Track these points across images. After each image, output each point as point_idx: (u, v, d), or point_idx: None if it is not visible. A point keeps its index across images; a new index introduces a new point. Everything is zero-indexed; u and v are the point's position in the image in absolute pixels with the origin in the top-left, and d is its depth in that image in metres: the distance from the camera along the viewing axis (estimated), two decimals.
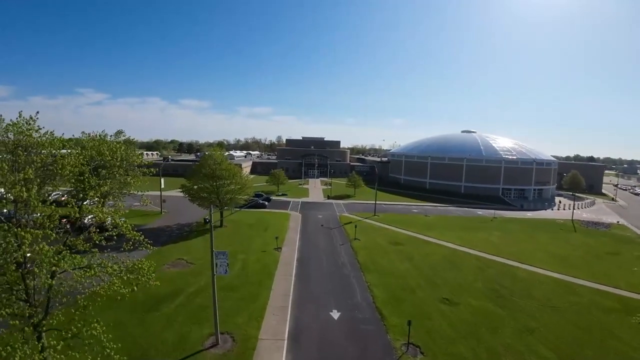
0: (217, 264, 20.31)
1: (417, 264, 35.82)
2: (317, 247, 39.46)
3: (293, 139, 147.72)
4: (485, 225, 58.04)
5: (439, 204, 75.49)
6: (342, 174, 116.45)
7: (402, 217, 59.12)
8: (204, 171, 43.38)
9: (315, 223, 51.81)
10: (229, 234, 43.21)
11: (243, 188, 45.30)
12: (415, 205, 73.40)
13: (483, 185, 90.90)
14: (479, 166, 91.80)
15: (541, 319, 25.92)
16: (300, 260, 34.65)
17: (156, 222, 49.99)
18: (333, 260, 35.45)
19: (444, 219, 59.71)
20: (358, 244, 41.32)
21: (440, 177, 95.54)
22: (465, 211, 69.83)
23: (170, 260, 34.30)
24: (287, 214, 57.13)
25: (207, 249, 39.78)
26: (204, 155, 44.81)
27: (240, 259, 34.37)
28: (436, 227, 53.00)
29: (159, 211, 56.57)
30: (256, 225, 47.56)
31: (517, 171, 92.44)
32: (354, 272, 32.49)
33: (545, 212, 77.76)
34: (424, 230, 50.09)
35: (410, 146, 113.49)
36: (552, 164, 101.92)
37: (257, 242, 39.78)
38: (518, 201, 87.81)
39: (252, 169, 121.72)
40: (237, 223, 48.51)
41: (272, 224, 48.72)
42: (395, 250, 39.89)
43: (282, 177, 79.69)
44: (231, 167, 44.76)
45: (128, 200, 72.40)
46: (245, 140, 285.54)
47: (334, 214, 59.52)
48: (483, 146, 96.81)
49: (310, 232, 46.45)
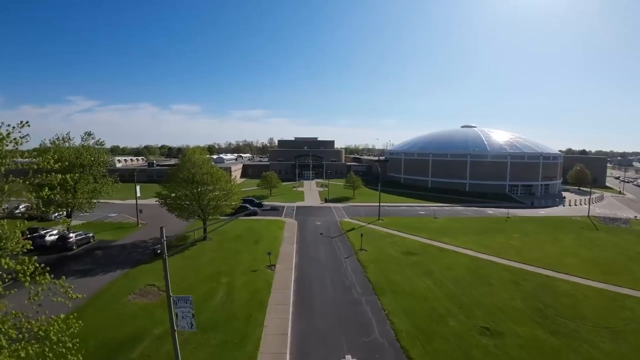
0: (178, 314, 13.83)
1: (438, 279, 29.90)
2: (318, 263, 33.22)
3: (285, 140, 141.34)
4: (501, 226, 52.51)
5: (445, 204, 69.87)
6: (338, 175, 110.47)
7: (409, 220, 53.22)
8: (181, 176, 36.90)
9: (314, 231, 45.59)
10: (213, 250, 36.76)
11: (229, 195, 38.89)
12: (420, 206, 67.63)
13: (489, 182, 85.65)
14: (484, 162, 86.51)
15: (603, 346, 20.76)
16: (298, 282, 28.38)
17: (130, 237, 43.39)
18: (338, 279, 29.24)
19: (455, 221, 53.99)
20: (365, 255, 35.24)
21: (443, 174, 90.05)
22: (475, 211, 64.26)
23: (139, 288, 27.86)
24: (281, 221, 50.78)
25: (187, 270, 33.64)
26: (182, 157, 38.45)
27: (225, 283, 28.01)
28: (449, 231, 47.22)
29: (135, 223, 49.90)
30: (245, 237, 41.15)
31: (524, 166, 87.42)
32: (365, 294, 26.34)
33: (557, 209, 72.78)
34: (436, 235, 44.25)
35: (410, 143, 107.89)
36: (558, 158, 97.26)
37: (246, 259, 33.42)
38: (526, 198, 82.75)
39: (243, 172, 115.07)
40: (223, 235, 42.08)
41: (264, 235, 42.37)
42: (409, 262, 33.89)
43: (274, 180, 73.28)
44: (215, 171, 38.40)
45: (104, 210, 65.85)
46: (236, 143, 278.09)
47: (334, 219, 53.37)
48: (487, 141, 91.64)
49: (309, 242, 40.21)
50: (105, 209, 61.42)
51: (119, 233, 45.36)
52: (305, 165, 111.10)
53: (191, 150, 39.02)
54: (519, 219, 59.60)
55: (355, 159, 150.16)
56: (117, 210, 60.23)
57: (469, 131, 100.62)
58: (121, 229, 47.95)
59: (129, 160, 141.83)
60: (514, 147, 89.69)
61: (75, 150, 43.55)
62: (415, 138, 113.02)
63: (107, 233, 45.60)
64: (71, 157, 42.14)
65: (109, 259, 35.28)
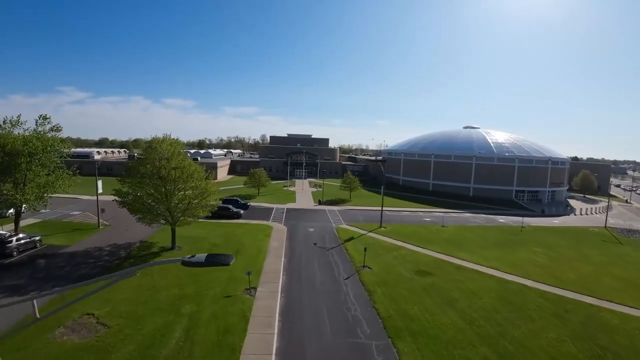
0: None
1: (465, 312, 23.32)
2: (311, 285, 26.24)
3: (277, 136, 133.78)
4: (518, 238, 46.43)
5: (451, 210, 63.60)
6: (333, 174, 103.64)
7: (415, 228, 46.61)
8: (142, 170, 29.56)
9: (306, 240, 38.62)
10: None
11: (204, 194, 31.69)
12: (423, 211, 61.16)
13: (494, 187, 79.77)
14: (490, 165, 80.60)
15: None
16: (285, 315, 21.39)
17: (85, 242, 35.99)
18: (338, 311, 22.31)
19: (466, 231, 47.60)
20: (370, 275, 28.44)
21: (446, 177, 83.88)
22: (485, 219, 58.07)
23: (72, 318, 20.76)
24: (267, 227, 43.59)
25: (142, 292, 25.98)
26: (146, 147, 31.15)
27: (187, 315, 20.92)
28: (463, 243, 40.79)
29: (95, 224, 42.36)
30: (223, 247, 33.99)
31: (532, 171, 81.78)
32: (376, 337, 19.47)
33: (569, 219, 67.29)
34: (450, 248, 37.76)
35: (410, 143, 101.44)
36: (565, 163, 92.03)
37: (220, 278, 26.32)
38: (533, 205, 77.16)
39: (231, 168, 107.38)
40: (196, 243, 34.89)
41: (247, 244, 35.24)
42: (424, 285, 27.21)
43: (263, 178, 65.97)
44: (186, 165, 31.15)
45: (66, 207, 57.87)
46: (228, 139, 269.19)
47: (329, 225, 46.43)
48: (493, 143, 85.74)
49: (300, 256, 33.23)
50: (69, 205, 53.77)
51: (73, 236, 37.88)
52: (297, 164, 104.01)
53: (157, 140, 31.66)
54: (534, 229, 53.80)
55: (350, 158, 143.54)
56: (83, 208, 52.51)
57: (473, 132, 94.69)
58: (79, 231, 40.46)
59: (110, 152, 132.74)
60: (522, 150, 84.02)
61: (22, 137, 36.08)
62: (414, 138, 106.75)
63: (60, 236, 38.06)
64: (17, 145, 34.61)
65: (51, 271, 28.12)
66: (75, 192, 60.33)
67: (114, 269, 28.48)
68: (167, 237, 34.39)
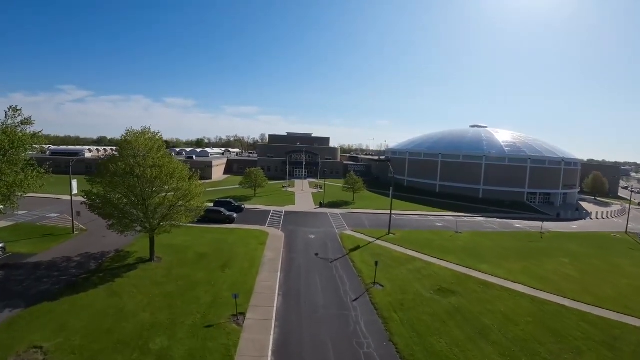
0: None
1: (502, 344, 18.96)
2: (312, 310, 21.65)
3: (276, 135, 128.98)
4: (539, 245, 42.08)
5: (462, 214, 59.14)
6: (334, 175, 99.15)
7: (427, 235, 42.09)
8: (113, 169, 24.97)
9: (307, 249, 34.06)
10: (156, 280, 24.94)
11: (187, 197, 27.13)
12: (434, 215, 56.68)
13: (505, 189, 75.30)
14: (501, 166, 76.13)
15: None
16: (280, 355, 16.81)
17: (55, 250, 31.64)
18: (347, 349, 17.69)
19: (483, 238, 43.13)
20: (383, 296, 23.93)
21: (454, 178, 79.36)
22: (500, 224, 53.62)
23: (16, 352, 16.72)
24: (263, 233, 38.97)
25: (105, 317, 18.03)
26: (121, 142, 26.53)
27: (154, 354, 16.39)
28: (482, 252, 36.36)
29: (70, 229, 37.81)
30: (210, 258, 29.42)
31: (545, 172, 77.35)
32: None
33: (586, 223, 63.04)
34: (469, 259, 33.31)
35: (415, 142, 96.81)
36: (578, 164, 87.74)
37: (202, 301, 21.77)
38: (547, 208, 72.81)
39: (228, 167, 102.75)
40: (178, 253, 30.34)
41: (238, 255, 30.66)
42: (449, 309, 22.73)
43: (259, 178, 61.29)
44: (166, 163, 26.57)
45: (44, 209, 53.24)
46: (227, 138, 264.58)
47: (332, 231, 41.85)
48: (503, 142, 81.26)
49: (299, 269, 28.67)
50: (48, 207, 49.25)
51: (43, 243, 33.40)
52: (297, 163, 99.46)
53: (133, 133, 27.04)
54: (554, 235, 49.50)
55: (351, 157, 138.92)
56: (62, 209, 47.93)
57: (482, 131, 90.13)
58: (51, 236, 36.02)
59: (102, 150, 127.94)
60: (533, 150, 79.54)
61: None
62: (419, 137, 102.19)
63: (29, 243, 33.61)
64: None
65: (8, 285, 24.02)
66: (57, 192, 56.01)
67: (80, 285, 24.02)
68: (147, 245, 29.82)
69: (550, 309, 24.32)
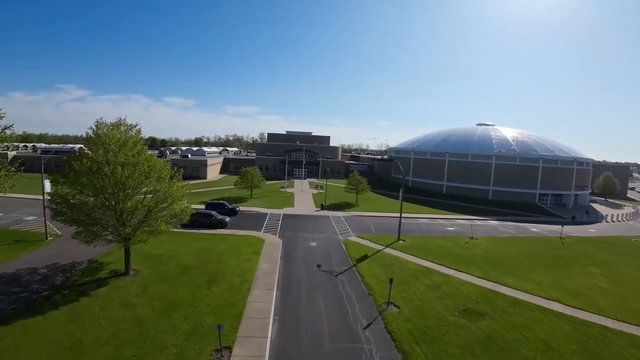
0: None
1: None
2: (316, 342, 17.55)
3: (276, 133, 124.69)
4: (563, 253, 38.19)
5: (473, 217, 55.23)
6: (335, 174, 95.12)
7: (440, 242, 38.05)
8: (77, 168, 20.86)
9: (307, 259, 29.94)
10: (129, 299, 20.86)
11: (167, 200, 23.07)
12: (443, 218, 52.72)
13: (516, 190, 71.42)
14: (512, 166, 72.20)
15: None
16: None
17: (22, 259, 27.84)
18: None
19: (501, 244, 39.16)
20: (400, 321, 19.88)
21: (461, 178, 75.37)
22: (516, 228, 49.66)
23: None
24: (258, 240, 34.84)
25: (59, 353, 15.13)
26: (88, 136, 22.43)
27: None
28: (504, 262, 32.41)
29: (43, 234, 33.80)
30: (195, 271, 25.36)
31: (557, 172, 73.47)
32: None
33: (602, 226, 59.35)
34: (492, 271, 29.36)
35: (419, 140, 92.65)
36: (590, 164, 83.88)
37: (179, 329, 17.72)
38: (557, 210, 68.93)
39: (224, 167, 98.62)
40: (159, 264, 26.28)
41: (228, 266, 26.60)
42: (480, 337, 18.73)
43: (256, 178, 57.14)
44: (142, 160, 22.49)
45: (22, 211, 49.10)
46: (226, 138, 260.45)
47: (335, 237, 37.76)
48: (513, 141, 77.30)
49: (299, 285, 24.59)
50: (27, 209, 45.22)
51: (11, 251, 29.51)
52: (297, 162, 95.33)
53: (104, 125, 22.93)
54: (574, 240, 45.66)
55: (353, 157, 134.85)
56: (39, 211, 43.84)
57: (490, 129, 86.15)
58: (22, 243, 32.14)
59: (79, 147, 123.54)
60: (545, 149, 75.60)
61: None
62: (423, 136, 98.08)
63: None
64: None
65: None
66: (40, 192, 52.03)
67: (39, 305, 20.02)
68: (116, 259, 25.79)
69: (594, 333, 20.42)
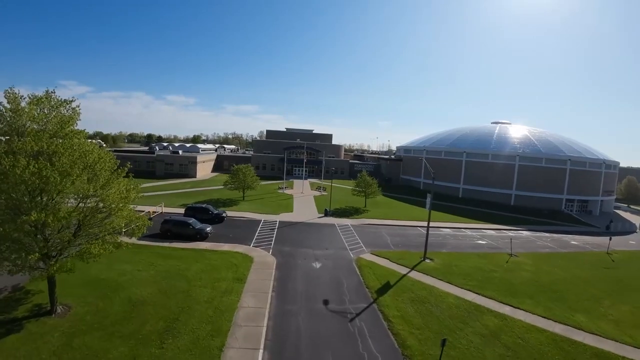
0: None
1: None
2: None
3: (275, 130, 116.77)
4: (621, 274, 31.60)
5: (502, 226, 47.88)
6: (339, 174, 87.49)
7: (477, 261, 30.29)
8: None
9: (309, 292, 21.92)
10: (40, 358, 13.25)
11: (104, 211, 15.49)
12: (468, 228, 45.25)
13: (540, 195, 63.90)
14: (537, 168, 64.64)
15: None
16: None
17: None
18: None
19: (549, 265, 31.59)
20: None
21: (480, 181, 67.68)
22: (555, 241, 42.26)
23: None
24: (245, 258, 26.93)
25: None
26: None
27: None
28: (563, 291, 24.99)
29: None
30: (148, 310, 17.68)
31: (585, 176, 65.96)
32: None
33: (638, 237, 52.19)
34: (555, 305, 21.96)
35: (432, 139, 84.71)
36: (617, 167, 76.47)
37: None
38: (584, 217, 61.60)
39: (217, 164, 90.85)
40: (102, 297, 18.60)
41: (196, 304, 18.87)
42: None
43: (249, 177, 49.27)
44: (63, 150, 14.90)
45: None
46: (225, 136, 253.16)
47: (345, 254, 29.93)
48: (537, 140, 69.75)
49: (298, 341, 16.94)
50: None
51: None
52: (296, 161, 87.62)
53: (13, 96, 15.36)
54: (624, 256, 38.80)
55: (357, 156, 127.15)
56: None
57: (509, 127, 78.58)
58: None
59: None
60: (572, 149, 68.09)
61: None
62: (435, 134, 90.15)
63: None
64: None
65: None
66: None
67: None
68: (59, 279, 18.10)
69: None
